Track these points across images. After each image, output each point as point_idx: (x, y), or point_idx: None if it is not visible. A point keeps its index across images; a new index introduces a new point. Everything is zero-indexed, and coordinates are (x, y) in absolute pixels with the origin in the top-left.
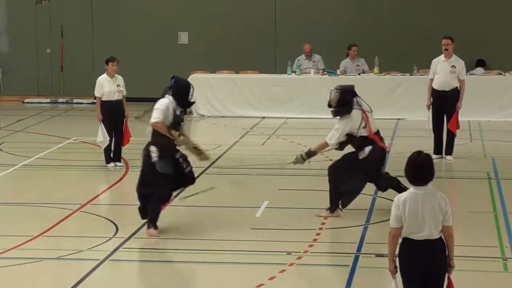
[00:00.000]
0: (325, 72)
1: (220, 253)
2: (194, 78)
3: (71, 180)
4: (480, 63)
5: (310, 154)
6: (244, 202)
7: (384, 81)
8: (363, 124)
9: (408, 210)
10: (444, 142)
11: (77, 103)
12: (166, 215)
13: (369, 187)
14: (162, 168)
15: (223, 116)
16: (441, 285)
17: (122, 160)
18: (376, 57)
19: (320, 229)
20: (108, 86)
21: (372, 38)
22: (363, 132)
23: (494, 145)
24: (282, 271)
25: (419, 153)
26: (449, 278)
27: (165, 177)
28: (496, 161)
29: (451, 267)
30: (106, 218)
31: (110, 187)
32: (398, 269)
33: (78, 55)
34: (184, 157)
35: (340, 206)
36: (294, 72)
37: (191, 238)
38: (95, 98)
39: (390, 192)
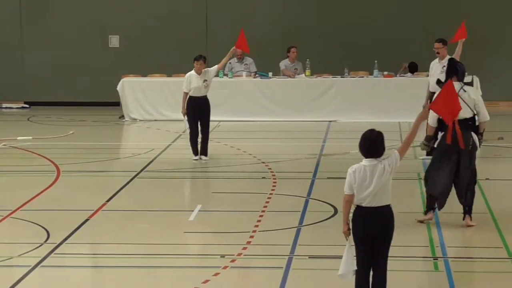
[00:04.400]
0: (257, 75)
1: (153, 257)
2: (126, 82)
3: (0, 185)
4: (412, 65)
5: (428, 138)
6: (177, 206)
7: (315, 83)
8: None
9: (358, 179)
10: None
11: (6, 107)
12: (98, 219)
13: (302, 189)
14: None
15: (155, 120)
16: (387, 247)
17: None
18: (308, 59)
19: (254, 231)
20: (196, 82)
21: (304, 40)
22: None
23: None
24: (216, 274)
25: (371, 130)
26: None
27: None
28: (426, 161)
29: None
30: (37, 224)
31: (41, 192)
32: (351, 232)
33: (7, 59)
34: None
35: (435, 207)
36: (226, 75)
37: (123, 242)
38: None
39: (323, 194)
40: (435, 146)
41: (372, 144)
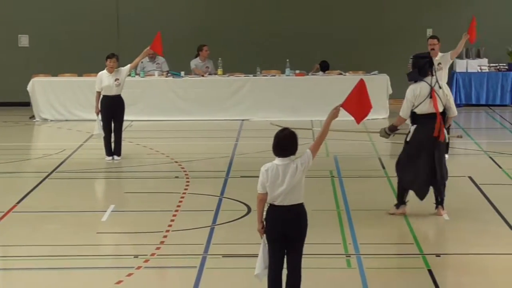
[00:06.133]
0: (169, 74)
1: (65, 259)
2: (36, 82)
3: None
4: (324, 64)
5: (392, 128)
6: (90, 206)
7: (228, 82)
8: (423, 100)
9: (270, 178)
10: None
11: None
12: (8, 221)
13: (215, 188)
14: None
15: (66, 120)
16: (300, 245)
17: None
18: (220, 58)
19: (167, 231)
20: (107, 81)
21: (215, 39)
22: (419, 109)
23: (336, 143)
24: (130, 274)
25: (284, 129)
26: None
27: None
28: (338, 159)
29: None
30: None
31: None
32: (265, 231)
33: None
34: None
35: (407, 201)
36: (138, 74)
37: (34, 244)
38: None
39: (236, 193)
40: (407, 140)
41: (284, 143)
